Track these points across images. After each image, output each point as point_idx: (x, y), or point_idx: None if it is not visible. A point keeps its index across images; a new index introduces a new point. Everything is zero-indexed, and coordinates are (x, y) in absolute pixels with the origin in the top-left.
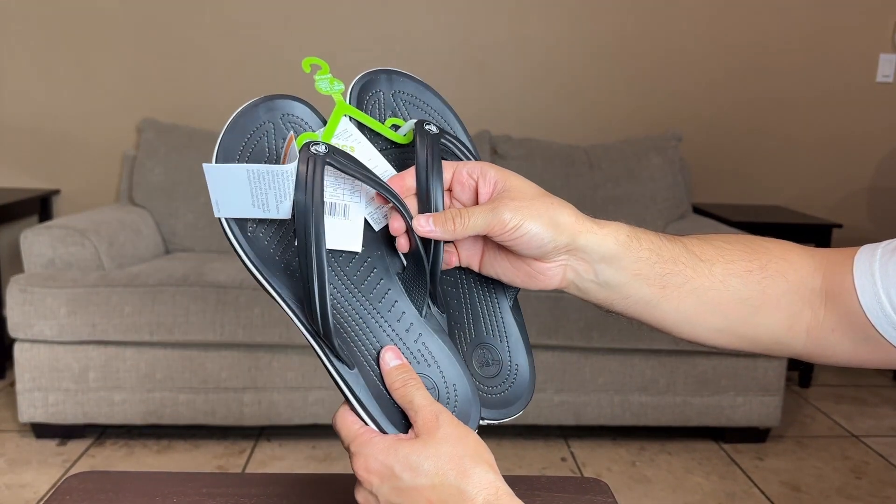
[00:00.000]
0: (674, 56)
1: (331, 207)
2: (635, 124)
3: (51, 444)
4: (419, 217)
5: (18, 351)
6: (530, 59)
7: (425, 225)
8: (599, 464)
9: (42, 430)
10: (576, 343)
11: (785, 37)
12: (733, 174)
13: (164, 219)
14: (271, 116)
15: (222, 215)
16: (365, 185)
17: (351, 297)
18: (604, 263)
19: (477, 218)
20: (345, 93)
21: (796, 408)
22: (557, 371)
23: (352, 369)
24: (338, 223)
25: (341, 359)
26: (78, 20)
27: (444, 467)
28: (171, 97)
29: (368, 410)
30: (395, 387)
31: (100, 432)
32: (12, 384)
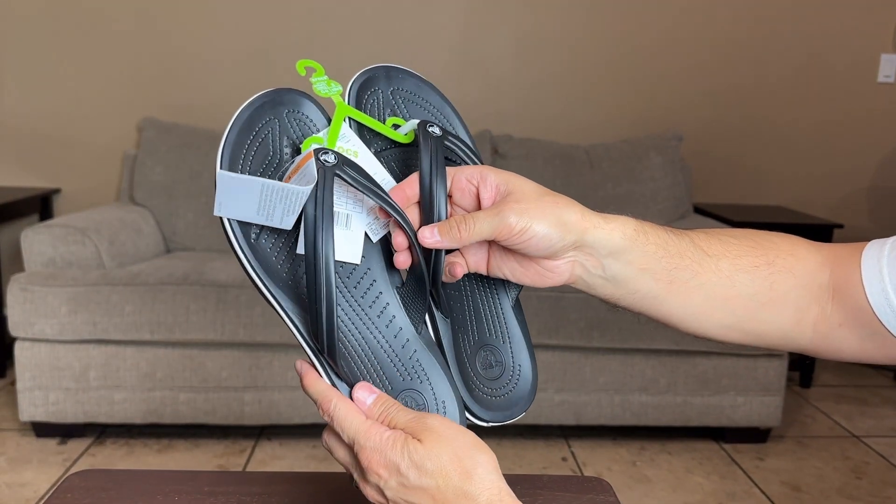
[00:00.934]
0: (674, 56)
1: (335, 217)
2: (636, 124)
3: (51, 443)
4: (424, 229)
5: (19, 350)
6: (531, 60)
7: (430, 237)
8: (600, 463)
9: (42, 429)
10: (576, 343)
11: (786, 37)
12: (734, 174)
13: (164, 218)
14: (276, 113)
15: (223, 215)
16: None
17: (350, 311)
18: (611, 258)
19: (482, 224)
20: (343, 93)
21: (797, 408)
22: (558, 371)
23: (349, 387)
24: (339, 233)
25: (341, 377)
26: (78, 19)
27: (446, 468)
28: (172, 96)
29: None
30: (380, 420)
31: (100, 431)
32: (13, 383)
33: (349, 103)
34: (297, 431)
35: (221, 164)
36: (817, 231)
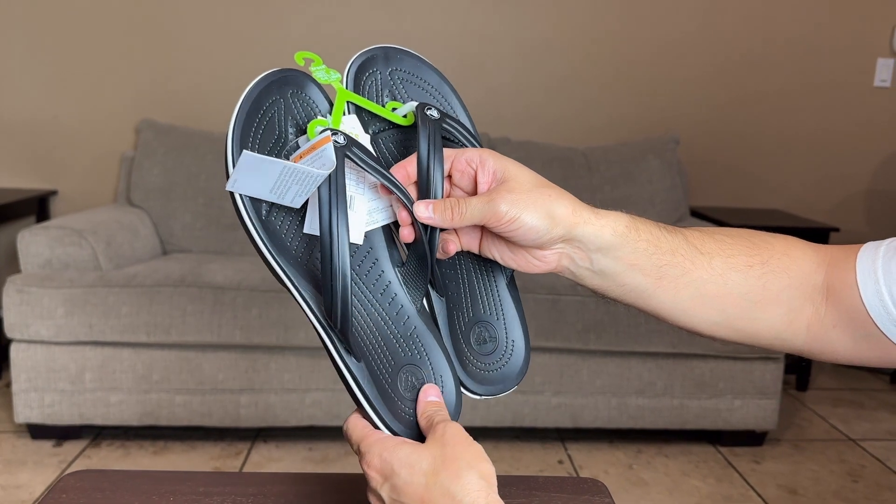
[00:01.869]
0: (672, 59)
1: None
2: (633, 127)
3: (47, 445)
4: (419, 203)
5: (15, 351)
6: (529, 62)
7: (424, 211)
8: (596, 466)
9: (38, 431)
10: (573, 345)
11: (783, 41)
12: (731, 177)
13: (161, 219)
14: (282, 93)
15: (235, 191)
16: (368, 176)
17: (356, 290)
18: (600, 253)
19: (474, 209)
20: (342, 78)
21: (793, 411)
22: (555, 373)
23: (359, 361)
24: None
25: (350, 351)
26: (76, 20)
27: (438, 468)
28: (170, 98)
29: (372, 403)
30: (424, 415)
31: (96, 433)
32: (8, 385)
33: (348, 84)
34: (294, 434)
35: (233, 141)
36: (813, 234)
